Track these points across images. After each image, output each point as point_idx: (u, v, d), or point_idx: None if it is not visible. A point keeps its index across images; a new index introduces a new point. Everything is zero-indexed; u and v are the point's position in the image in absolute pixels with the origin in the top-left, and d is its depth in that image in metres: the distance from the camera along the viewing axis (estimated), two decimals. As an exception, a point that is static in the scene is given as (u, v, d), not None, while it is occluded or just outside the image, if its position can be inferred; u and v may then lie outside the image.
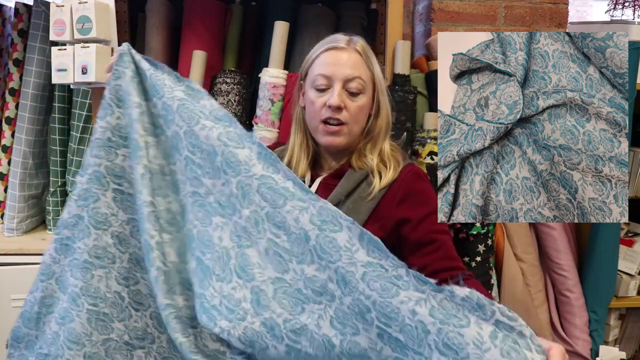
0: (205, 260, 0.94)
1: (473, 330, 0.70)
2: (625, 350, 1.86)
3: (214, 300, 0.91)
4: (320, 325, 0.83)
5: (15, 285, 1.62)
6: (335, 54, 1.07)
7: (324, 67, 1.07)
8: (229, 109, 1.63)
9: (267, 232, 0.90)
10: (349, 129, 1.08)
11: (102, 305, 1.02)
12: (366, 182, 1.07)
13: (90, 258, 1.02)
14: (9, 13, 1.91)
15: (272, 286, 0.89)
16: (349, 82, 1.06)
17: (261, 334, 0.87)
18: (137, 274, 1.04)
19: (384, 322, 0.77)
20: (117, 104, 1.04)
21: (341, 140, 1.09)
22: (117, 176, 1.03)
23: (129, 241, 1.03)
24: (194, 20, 1.65)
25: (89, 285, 1.02)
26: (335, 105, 1.05)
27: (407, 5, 2.10)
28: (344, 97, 1.06)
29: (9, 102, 1.79)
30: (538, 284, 1.65)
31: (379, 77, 1.11)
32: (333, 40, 1.09)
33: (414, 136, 1.52)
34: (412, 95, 1.52)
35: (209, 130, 0.93)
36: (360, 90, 1.07)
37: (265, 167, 0.90)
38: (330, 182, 1.10)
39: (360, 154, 1.11)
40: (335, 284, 0.82)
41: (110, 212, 1.03)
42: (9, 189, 1.77)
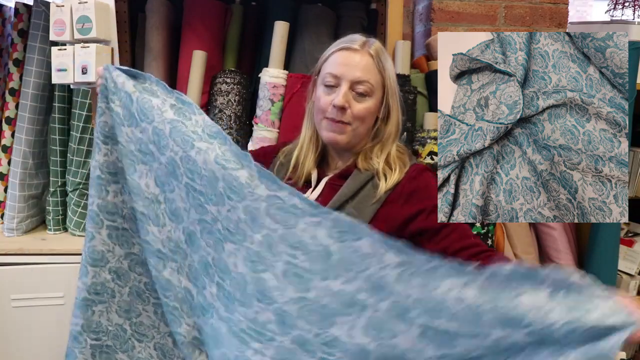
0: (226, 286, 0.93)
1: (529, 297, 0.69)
2: (625, 350, 1.85)
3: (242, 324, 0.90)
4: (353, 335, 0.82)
5: (15, 285, 1.62)
6: (347, 54, 1.08)
7: (335, 67, 1.08)
8: (229, 109, 1.63)
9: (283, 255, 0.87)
10: (353, 128, 1.09)
11: (104, 339, 1.03)
12: (372, 183, 1.08)
13: (89, 295, 1.03)
14: (9, 13, 1.91)
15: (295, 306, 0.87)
16: (356, 84, 1.07)
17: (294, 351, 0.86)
18: (138, 307, 1.04)
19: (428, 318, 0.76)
20: (104, 140, 1.03)
21: (343, 138, 1.09)
22: (110, 213, 1.03)
23: (128, 275, 1.04)
24: (194, 20, 1.65)
25: (90, 321, 1.03)
26: (339, 105, 1.06)
27: (407, 5, 2.10)
28: (350, 97, 1.07)
29: (9, 102, 1.79)
30: (538, 284, 1.66)
31: (391, 81, 1.12)
32: (349, 40, 1.10)
33: (414, 136, 1.52)
34: (412, 95, 1.52)
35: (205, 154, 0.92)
36: (367, 93, 1.08)
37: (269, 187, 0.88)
38: (336, 182, 1.10)
39: (367, 156, 1.11)
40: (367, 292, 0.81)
41: (106, 249, 1.03)
42: (9, 189, 1.77)
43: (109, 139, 1.03)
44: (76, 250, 1.64)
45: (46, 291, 1.63)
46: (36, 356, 1.68)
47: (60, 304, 1.64)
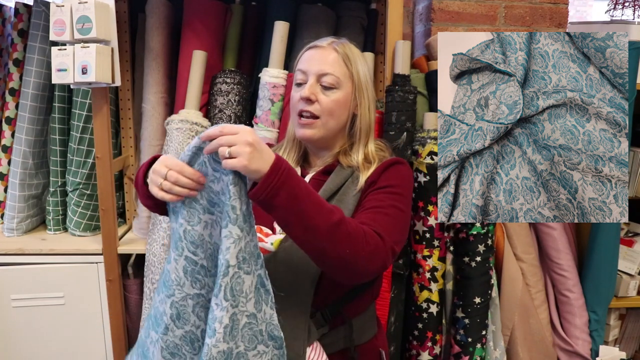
0: None
1: None
2: (625, 350, 1.86)
3: None
4: None
5: (15, 285, 1.62)
6: (313, 52, 1.12)
7: (302, 64, 1.13)
8: (229, 109, 1.63)
9: None
10: (323, 122, 1.11)
11: None
12: (352, 178, 1.10)
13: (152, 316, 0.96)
14: (9, 13, 1.91)
15: None
16: (322, 76, 1.10)
17: None
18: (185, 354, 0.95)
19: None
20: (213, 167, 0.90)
21: (314, 132, 1.11)
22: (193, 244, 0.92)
23: (189, 318, 0.94)
24: (194, 20, 1.65)
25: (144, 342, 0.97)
26: (305, 97, 1.09)
27: (407, 5, 2.10)
28: (317, 90, 1.10)
29: (9, 102, 1.79)
30: (538, 284, 1.66)
31: (360, 76, 1.13)
32: (317, 40, 1.15)
33: (414, 136, 1.52)
34: (412, 95, 1.52)
35: None
36: (333, 85, 1.10)
37: None
38: (321, 177, 1.13)
39: (346, 153, 1.14)
40: None
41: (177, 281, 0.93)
42: (9, 189, 1.77)
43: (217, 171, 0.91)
44: (76, 250, 1.65)
45: (46, 291, 1.63)
46: (36, 356, 1.68)
47: (60, 304, 1.64)
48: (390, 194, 1.04)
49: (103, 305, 1.66)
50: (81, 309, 1.66)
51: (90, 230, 1.77)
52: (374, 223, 0.96)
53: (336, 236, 0.88)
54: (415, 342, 1.55)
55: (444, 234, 1.53)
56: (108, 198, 1.57)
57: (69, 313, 1.65)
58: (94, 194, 1.75)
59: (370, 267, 0.92)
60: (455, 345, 1.54)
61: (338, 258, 0.89)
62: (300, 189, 0.86)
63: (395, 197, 1.04)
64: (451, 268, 1.55)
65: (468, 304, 1.51)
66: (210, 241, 0.92)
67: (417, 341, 1.54)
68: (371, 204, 1.02)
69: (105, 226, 1.60)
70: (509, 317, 1.61)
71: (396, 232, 1.00)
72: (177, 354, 0.95)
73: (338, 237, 0.88)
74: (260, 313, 0.90)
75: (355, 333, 1.10)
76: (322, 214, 0.88)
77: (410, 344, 1.56)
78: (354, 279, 0.95)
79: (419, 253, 1.52)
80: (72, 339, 1.67)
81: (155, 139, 1.72)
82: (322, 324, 1.05)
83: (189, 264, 0.91)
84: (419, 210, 1.50)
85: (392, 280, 1.53)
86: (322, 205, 0.89)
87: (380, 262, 0.93)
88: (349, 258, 0.89)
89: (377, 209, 1.01)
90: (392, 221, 1.00)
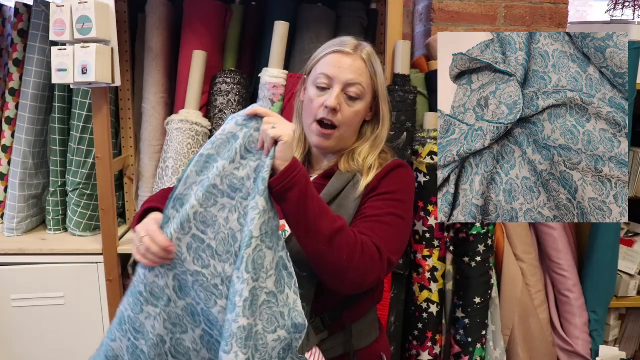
0: None
1: None
2: (625, 350, 1.86)
3: None
4: None
5: (15, 285, 1.62)
6: (340, 57, 1.08)
7: (328, 68, 1.08)
8: (229, 109, 1.63)
9: None
10: (340, 133, 1.10)
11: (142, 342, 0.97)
12: (352, 182, 1.09)
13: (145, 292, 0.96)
14: (9, 13, 1.91)
15: None
16: (349, 86, 1.07)
17: None
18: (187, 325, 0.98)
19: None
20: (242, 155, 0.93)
21: (330, 143, 1.11)
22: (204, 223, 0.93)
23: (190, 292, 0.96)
24: (194, 20, 1.65)
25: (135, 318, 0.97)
26: (332, 107, 1.06)
27: (407, 5, 2.10)
28: (342, 100, 1.08)
29: (9, 102, 1.79)
30: (538, 284, 1.65)
31: (382, 85, 1.13)
32: (341, 43, 1.11)
33: (414, 136, 1.52)
34: (412, 95, 1.52)
35: None
36: (358, 96, 1.08)
37: None
38: (321, 182, 1.12)
39: (349, 157, 1.13)
40: None
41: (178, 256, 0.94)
42: (9, 189, 1.77)
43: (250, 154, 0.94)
44: (76, 250, 1.65)
45: (46, 291, 1.63)
46: (36, 356, 1.68)
47: (60, 304, 1.64)
48: (389, 201, 1.04)
49: (103, 305, 1.66)
50: (81, 309, 1.66)
51: (90, 230, 1.77)
52: (372, 233, 0.97)
53: (335, 242, 0.90)
54: (415, 342, 1.55)
55: (444, 234, 1.53)
56: (108, 198, 1.57)
57: (69, 313, 1.65)
58: (94, 194, 1.75)
59: (364, 279, 0.94)
60: (455, 345, 1.54)
61: (334, 264, 0.91)
62: (311, 191, 0.92)
63: (395, 204, 1.04)
64: (451, 268, 1.55)
65: (468, 304, 1.51)
66: (225, 225, 0.93)
67: (417, 341, 1.54)
68: (370, 212, 1.02)
69: (105, 226, 1.60)
70: (509, 317, 1.61)
71: (394, 242, 1.01)
72: (179, 324, 0.98)
73: (337, 244, 0.91)
74: (281, 295, 0.92)
75: (354, 338, 1.09)
76: (327, 219, 0.92)
77: (410, 344, 1.56)
78: (347, 288, 0.97)
79: (419, 253, 1.52)
80: (72, 339, 1.67)
81: (155, 139, 1.72)
82: (321, 329, 1.05)
83: (194, 241, 0.93)
84: (419, 210, 1.50)
85: (392, 280, 1.53)
86: (327, 211, 0.93)
87: (374, 276, 0.96)
88: (344, 267, 0.91)
89: (376, 217, 1.01)
90: (390, 230, 1.01)
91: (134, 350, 0.98)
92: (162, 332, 0.97)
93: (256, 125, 0.93)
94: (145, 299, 0.96)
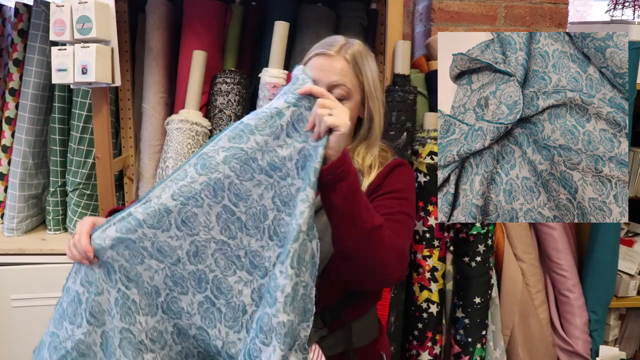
0: None
1: None
2: (625, 350, 1.86)
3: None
4: None
5: (15, 285, 1.62)
6: (323, 59, 1.09)
7: (312, 71, 1.09)
8: (229, 109, 1.63)
9: None
10: None
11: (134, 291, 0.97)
12: None
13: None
14: (9, 13, 1.91)
15: None
16: (333, 88, 1.07)
17: None
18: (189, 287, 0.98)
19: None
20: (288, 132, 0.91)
21: None
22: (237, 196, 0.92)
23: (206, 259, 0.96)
24: (194, 20, 1.65)
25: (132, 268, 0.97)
26: None
27: (407, 5, 2.10)
28: None
29: (9, 102, 1.79)
30: (538, 284, 1.65)
31: (370, 83, 1.12)
32: (326, 45, 1.11)
33: (414, 136, 1.52)
34: (412, 95, 1.52)
35: None
36: (344, 97, 1.08)
37: None
38: None
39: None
40: None
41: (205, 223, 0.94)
42: (9, 189, 1.77)
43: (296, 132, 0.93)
44: (76, 250, 1.65)
45: (46, 291, 1.63)
46: (36, 356, 1.68)
47: (60, 304, 1.64)
48: (397, 199, 1.05)
49: (103, 305, 1.66)
50: (81, 309, 1.66)
51: (90, 230, 1.77)
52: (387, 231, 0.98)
53: (376, 238, 0.91)
54: (415, 342, 1.55)
55: (444, 234, 1.53)
56: (108, 198, 1.57)
57: (69, 313, 1.65)
58: (94, 194, 1.75)
59: (392, 277, 0.96)
60: (455, 345, 1.54)
61: (370, 259, 0.92)
62: (359, 184, 0.92)
63: (402, 202, 1.05)
64: (451, 268, 1.55)
65: (468, 304, 1.51)
66: (258, 201, 0.93)
67: (417, 341, 1.54)
68: (382, 211, 1.02)
69: (105, 226, 1.60)
70: (509, 317, 1.61)
71: (407, 239, 1.03)
72: (181, 284, 0.97)
73: (377, 239, 0.91)
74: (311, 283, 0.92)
75: (354, 336, 1.09)
76: (370, 214, 0.92)
77: (410, 344, 1.56)
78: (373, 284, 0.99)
79: (419, 253, 1.52)
80: (72, 339, 1.67)
81: (155, 139, 1.72)
82: (320, 326, 1.05)
83: (224, 211, 0.93)
84: (419, 210, 1.50)
85: (392, 280, 1.53)
86: (370, 206, 0.93)
87: (399, 274, 0.97)
88: (378, 263, 0.92)
89: (389, 216, 1.01)
90: (403, 228, 1.02)
91: (124, 302, 0.97)
92: (160, 285, 0.97)
93: (308, 104, 0.90)
94: (149, 253, 0.95)
